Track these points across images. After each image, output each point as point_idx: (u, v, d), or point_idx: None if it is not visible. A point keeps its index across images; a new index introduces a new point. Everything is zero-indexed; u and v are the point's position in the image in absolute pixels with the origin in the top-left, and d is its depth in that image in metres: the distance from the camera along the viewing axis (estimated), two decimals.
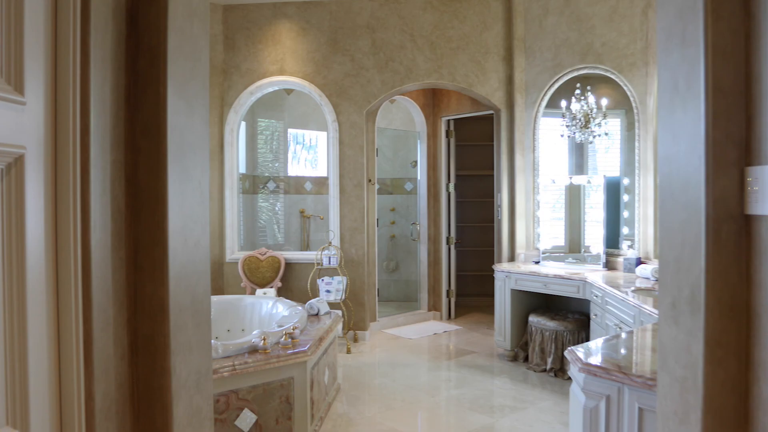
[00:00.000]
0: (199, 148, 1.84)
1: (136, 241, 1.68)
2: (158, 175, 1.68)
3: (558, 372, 4.79)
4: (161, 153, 1.68)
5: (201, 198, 1.85)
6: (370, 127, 6.39)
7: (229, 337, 4.79)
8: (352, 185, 6.15)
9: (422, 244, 7.19)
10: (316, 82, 6.11)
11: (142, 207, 1.69)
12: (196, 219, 1.82)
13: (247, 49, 6.20)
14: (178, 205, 1.72)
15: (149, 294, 1.69)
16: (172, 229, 1.69)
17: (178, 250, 1.72)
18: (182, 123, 1.74)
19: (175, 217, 1.71)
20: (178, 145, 1.72)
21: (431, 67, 5.97)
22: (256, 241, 7.39)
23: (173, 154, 1.70)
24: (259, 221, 7.59)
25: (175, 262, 1.70)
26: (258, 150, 7.52)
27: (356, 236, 6.15)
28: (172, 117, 1.70)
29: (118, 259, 1.61)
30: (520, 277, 5.11)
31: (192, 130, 1.79)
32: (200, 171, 1.85)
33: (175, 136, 1.71)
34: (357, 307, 6.11)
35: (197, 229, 1.82)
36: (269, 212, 7.70)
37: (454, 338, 6.29)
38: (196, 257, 1.83)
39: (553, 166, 5.88)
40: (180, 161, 1.73)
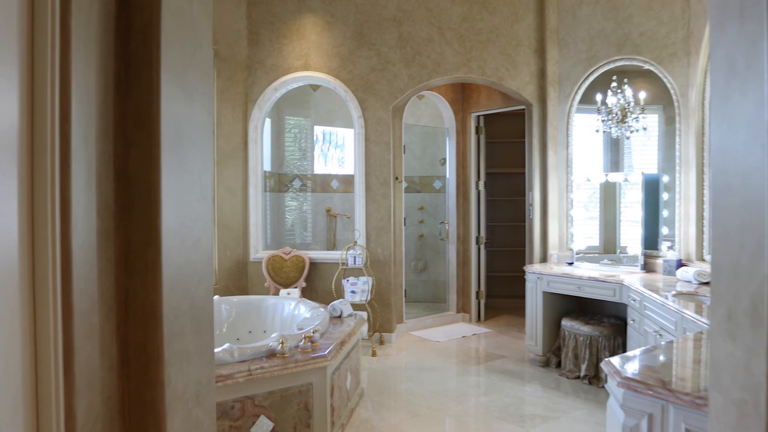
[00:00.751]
0: (199, 141, 1.70)
1: (127, 241, 1.54)
2: (150, 168, 1.54)
3: (592, 379, 4.55)
4: (154, 144, 1.54)
5: (202, 194, 1.71)
6: (397, 124, 6.22)
7: (250, 339, 4.68)
8: (379, 183, 5.99)
9: (451, 243, 6.99)
10: (341, 78, 5.97)
11: (134, 203, 1.55)
12: (196, 216, 1.68)
13: (272, 44, 6.09)
14: (174, 201, 1.58)
15: (141, 299, 1.54)
16: (166, 227, 1.55)
17: (173, 250, 1.58)
18: (179, 112, 1.60)
19: (171, 214, 1.57)
20: (174, 136, 1.58)
21: (460, 61, 5.77)
22: (283, 241, 7.29)
23: (168, 146, 1.56)
24: (285, 220, 7.49)
25: (170, 264, 1.56)
26: (284, 148, 7.42)
27: (382, 236, 5.99)
28: (167, 105, 1.56)
29: (106, 260, 1.47)
30: (553, 279, 4.88)
31: (191, 121, 1.65)
32: (201, 165, 1.71)
33: (171, 126, 1.57)
34: (383, 309, 5.95)
35: (197, 228, 1.68)
36: (295, 211, 7.59)
37: (483, 341, 6.08)
38: (196, 258, 1.68)
39: (587, 163, 5.63)
40: (176, 154, 1.59)
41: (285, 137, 7.42)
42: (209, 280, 1.79)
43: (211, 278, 1.80)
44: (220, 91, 5.96)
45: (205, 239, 1.77)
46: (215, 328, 4.67)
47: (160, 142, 1.54)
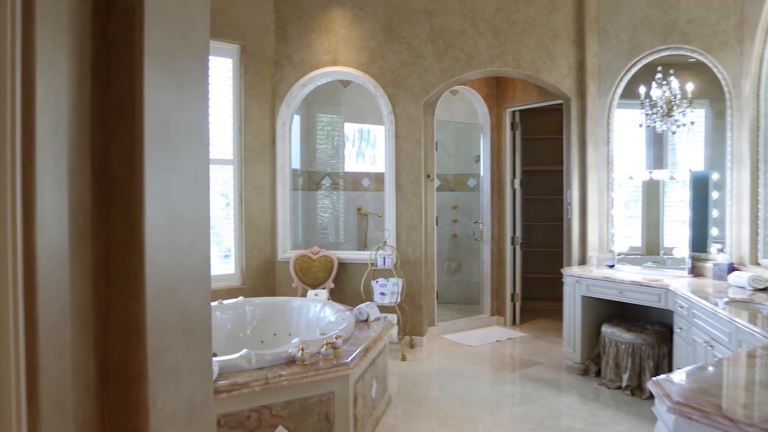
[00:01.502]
0: (193, 134, 1.53)
1: (108, 246, 1.38)
2: (132, 163, 1.37)
3: (635, 390, 4.26)
4: (136, 137, 1.37)
5: (197, 193, 1.54)
6: (428, 120, 6.01)
7: (275, 342, 4.54)
8: (409, 181, 5.78)
9: (485, 244, 6.74)
10: (370, 72, 5.78)
11: (114, 204, 1.38)
12: (190, 218, 1.51)
13: (300, 39, 5.94)
14: (162, 200, 1.42)
15: (122, 310, 1.38)
16: (150, 229, 1.38)
17: (160, 255, 1.41)
18: (168, 102, 1.43)
19: (157, 215, 1.40)
20: (161, 128, 1.41)
21: (494, 54, 5.52)
22: (314, 240, 7.15)
23: (154, 139, 1.40)
24: (317, 219, 7.36)
25: (156, 270, 1.39)
26: (314, 145, 7.28)
27: (413, 235, 5.79)
28: (151, 94, 1.39)
29: (81, 267, 1.30)
30: (592, 283, 4.60)
31: (183, 112, 1.48)
32: (196, 160, 1.54)
33: (157, 117, 1.40)
34: (414, 311, 5.75)
35: (190, 230, 1.51)
36: (326, 210, 7.45)
37: (518, 346, 5.82)
38: (189, 263, 1.51)
39: (629, 160, 5.32)
40: (164, 147, 1.42)
41: (315, 135, 7.28)
42: (205, 288, 1.62)
43: (207, 286, 1.63)
44: (248, 87, 5.84)
45: (201, 243, 1.60)
46: (239, 330, 4.55)
47: (143, 134, 1.37)
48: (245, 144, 5.86)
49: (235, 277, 5.89)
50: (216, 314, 4.42)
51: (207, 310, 1.65)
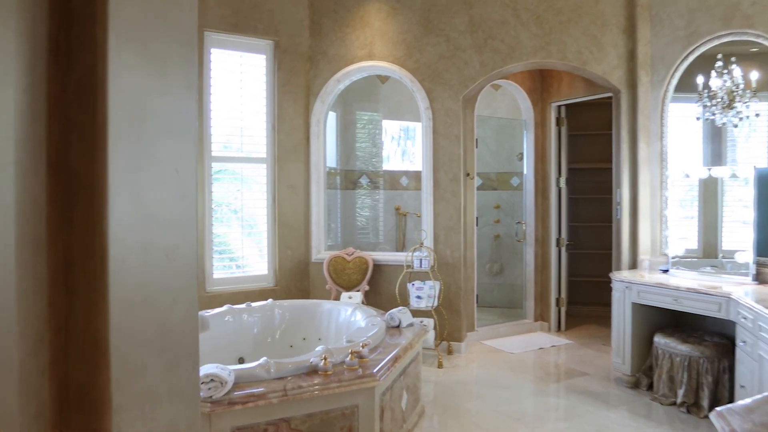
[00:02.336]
0: (176, 125, 1.34)
1: (68, 252, 1.20)
2: (94, 157, 1.19)
3: (691, 407, 3.90)
4: (98, 125, 1.19)
5: (180, 191, 1.35)
6: (468, 115, 5.74)
7: (304, 347, 4.37)
8: (448, 179, 5.53)
9: (528, 245, 6.43)
10: (407, 66, 5.56)
11: (77, 204, 1.20)
12: (171, 219, 1.33)
13: (334, 33, 5.76)
14: (133, 199, 1.23)
15: (83, 326, 1.20)
16: (117, 232, 1.20)
17: (130, 261, 1.23)
18: (142, 88, 1.25)
19: (126, 217, 1.22)
20: (132, 116, 1.23)
21: (537, 45, 5.21)
22: (353, 240, 6.97)
23: (122, 129, 1.21)
24: (354, 219, 7.18)
25: (124, 279, 1.21)
26: (351, 143, 7.10)
27: (452, 236, 5.53)
28: (120, 77, 1.21)
29: (33, 277, 1.12)
30: (644, 289, 4.26)
31: (162, 100, 1.29)
32: (178, 154, 1.35)
33: (127, 103, 1.22)
34: (452, 316, 5.49)
35: (172, 233, 1.32)
36: (365, 209, 7.26)
37: (563, 355, 5.50)
38: (170, 271, 1.33)
39: (684, 156, 4.93)
40: (136, 139, 1.23)
41: (352, 132, 7.10)
42: (191, 298, 1.43)
43: (193, 295, 1.44)
44: (281, 84, 5.70)
45: (186, 247, 1.40)
46: (267, 334, 4.40)
47: (106, 123, 1.18)
48: (279, 142, 5.73)
49: (268, 278, 5.76)
50: (243, 317, 4.28)
51: (193, 322, 1.45)
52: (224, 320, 4.18)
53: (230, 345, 4.13)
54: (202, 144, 5.31)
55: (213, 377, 2.56)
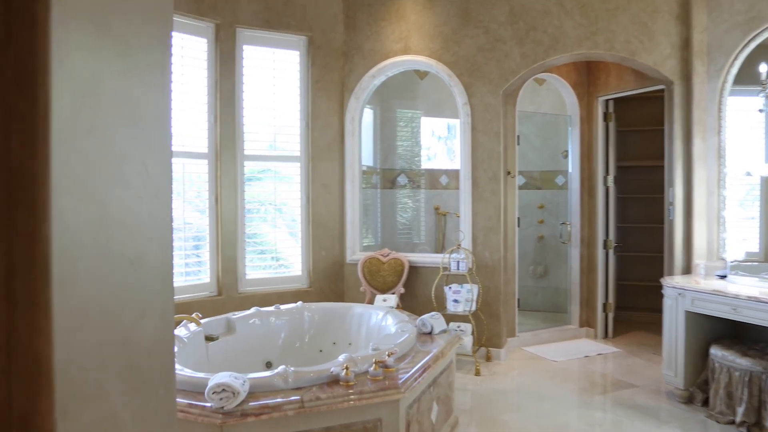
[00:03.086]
0: (143, 113, 1.18)
1: (10, 260, 1.05)
2: (33, 148, 1.03)
3: (752, 427, 3.55)
4: (38, 112, 1.03)
5: (149, 190, 1.18)
6: (509, 111, 5.48)
7: (334, 351, 4.20)
8: (487, 178, 5.29)
9: (573, 247, 6.11)
10: (444, 60, 5.33)
11: (18, 205, 1.05)
12: (137, 221, 1.16)
13: (369, 27, 5.59)
14: (85, 199, 1.07)
15: (25, 345, 1.04)
16: (64, 237, 1.04)
17: (83, 270, 1.06)
18: (97, 69, 1.08)
19: (76, 219, 1.05)
20: (84, 102, 1.06)
21: (582, 35, 4.91)
22: (393, 241, 6.79)
23: (71, 117, 1.05)
24: (393, 219, 6.99)
25: (75, 292, 1.05)
26: (389, 141, 6.91)
27: (491, 237, 5.28)
28: (66, 56, 1.05)
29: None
30: (699, 297, 3.92)
31: (124, 84, 1.13)
32: (146, 148, 1.18)
33: (77, 87, 1.05)
34: (491, 320, 5.24)
35: (139, 237, 1.16)
36: (403, 209, 7.06)
37: (610, 364, 5.18)
38: (135, 281, 1.16)
39: (744, 152, 4.55)
40: (89, 129, 1.07)
41: (390, 130, 6.91)
42: (164, 310, 1.26)
43: (168, 306, 1.27)
44: (315, 81, 5.56)
45: (157, 253, 1.23)
46: (295, 338, 4.26)
47: (49, 111, 1.02)
48: (312, 140, 5.59)
49: (302, 279, 5.63)
50: (271, 320, 4.15)
51: (167, 337, 1.28)
52: (252, 323, 4.05)
53: (257, 349, 4.00)
54: (235, 142, 5.22)
55: (225, 387, 2.42)
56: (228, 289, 5.21)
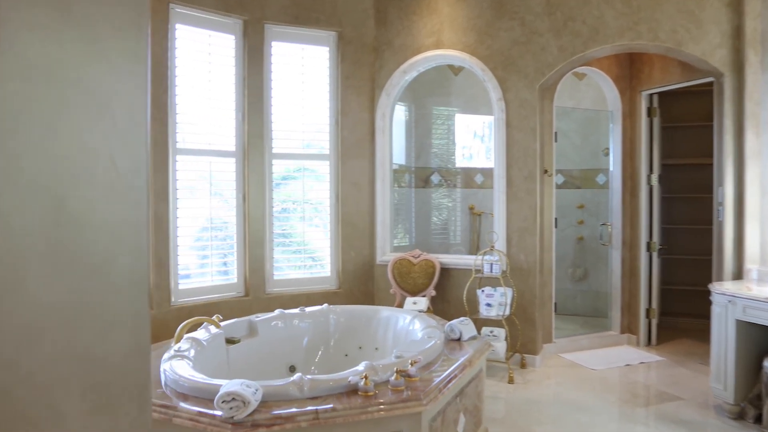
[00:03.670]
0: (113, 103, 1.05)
1: None
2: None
3: None
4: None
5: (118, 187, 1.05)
6: (546, 106, 5.24)
7: (360, 356, 4.05)
8: (522, 177, 5.06)
9: (615, 249, 5.83)
10: (477, 54, 5.13)
11: None
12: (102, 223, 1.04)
13: (400, 22, 5.42)
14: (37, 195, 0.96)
15: None
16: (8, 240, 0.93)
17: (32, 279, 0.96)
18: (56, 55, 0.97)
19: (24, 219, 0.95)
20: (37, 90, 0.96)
21: (624, 24, 4.64)
22: (426, 241, 6.62)
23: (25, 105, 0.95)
24: (428, 219, 6.82)
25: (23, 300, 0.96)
26: (422, 139, 6.73)
27: (526, 239, 5.06)
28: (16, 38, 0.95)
29: None
30: (751, 305, 3.63)
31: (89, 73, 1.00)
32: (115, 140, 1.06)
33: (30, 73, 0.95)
34: (526, 326, 5.02)
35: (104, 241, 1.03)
36: (438, 209, 6.88)
37: (653, 373, 4.89)
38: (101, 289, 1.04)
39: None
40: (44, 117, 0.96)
41: (423, 127, 6.73)
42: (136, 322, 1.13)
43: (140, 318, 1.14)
44: (345, 77, 5.43)
45: (127, 258, 1.11)
46: (320, 341, 4.12)
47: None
48: (342, 138, 5.46)
49: (331, 280, 5.51)
50: (294, 322, 4.03)
51: (142, 351, 1.16)
52: (275, 326, 3.94)
53: (280, 352, 3.89)
54: (263, 140, 5.12)
55: (235, 396, 2.29)
56: (255, 289, 5.12)
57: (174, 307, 4.65)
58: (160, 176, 4.52)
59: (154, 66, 4.43)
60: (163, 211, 4.55)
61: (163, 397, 2.57)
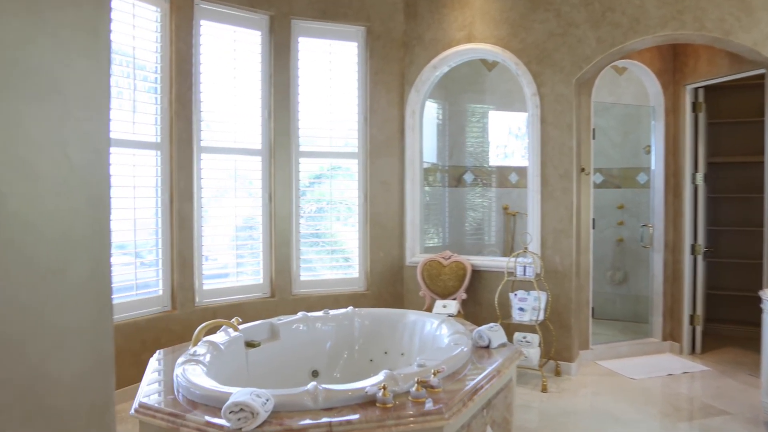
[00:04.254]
0: (63, 89, 0.92)
1: None
2: None
3: None
4: None
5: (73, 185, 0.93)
6: (583, 102, 5.00)
7: (385, 362, 3.91)
8: (558, 175, 4.84)
9: (656, 251, 5.53)
10: (511, 48, 4.92)
11: None
12: (53, 225, 0.91)
13: (431, 15, 5.25)
14: None
15: None
16: None
17: None
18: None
19: None
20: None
21: (667, 13, 4.37)
22: (460, 242, 6.43)
23: None
24: (460, 219, 6.63)
25: None
26: (455, 137, 6.54)
27: (562, 240, 4.83)
28: None
29: None
30: None
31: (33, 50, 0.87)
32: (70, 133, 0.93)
33: None
34: (561, 331, 4.79)
35: (54, 245, 0.90)
36: (471, 208, 6.68)
37: (698, 385, 4.61)
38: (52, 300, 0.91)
39: None
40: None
41: (456, 124, 6.54)
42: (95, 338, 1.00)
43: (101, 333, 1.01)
44: (374, 73, 5.29)
45: (85, 264, 0.98)
46: (344, 346, 3.99)
47: None
48: (371, 135, 5.32)
49: (359, 282, 5.38)
50: (317, 325, 3.91)
51: (103, 370, 1.03)
52: (297, 329, 3.82)
53: (303, 357, 3.77)
54: (290, 138, 5.02)
55: (243, 406, 2.17)
56: (281, 290, 5.02)
57: (198, 307, 4.58)
58: (185, 174, 4.46)
59: (178, 63, 4.37)
60: (188, 210, 4.49)
61: (173, 404, 2.47)
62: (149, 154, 4.30)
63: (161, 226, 4.36)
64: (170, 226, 4.41)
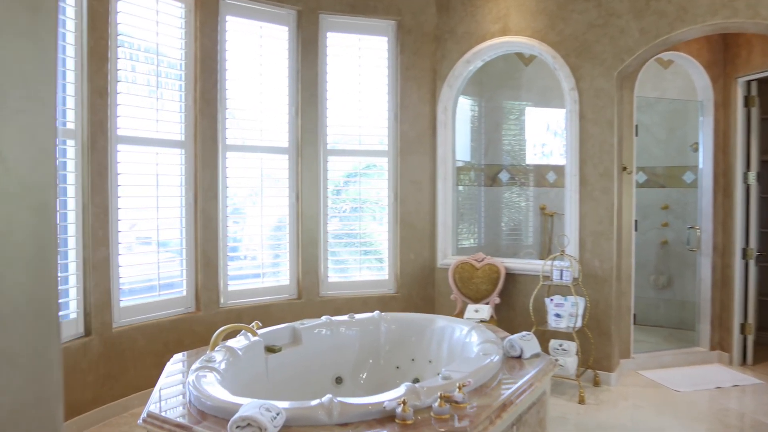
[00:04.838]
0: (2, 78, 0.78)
1: None
2: None
3: None
4: None
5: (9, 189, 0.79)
6: (625, 96, 4.73)
7: (412, 369, 3.75)
8: (597, 174, 4.58)
9: (704, 255, 5.22)
10: (548, 40, 4.68)
11: None
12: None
13: (464, 8, 5.05)
14: None
15: None
16: None
17: None
18: None
19: None
20: None
21: (717, 1, 4.07)
22: (496, 243, 6.22)
23: None
24: (496, 219, 6.41)
25: None
26: (490, 134, 6.32)
27: (601, 243, 4.58)
28: None
29: None
30: None
31: None
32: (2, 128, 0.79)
33: None
34: (600, 339, 4.54)
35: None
36: (508, 209, 6.45)
37: (749, 399, 4.30)
38: None
39: None
40: None
41: (491, 121, 6.32)
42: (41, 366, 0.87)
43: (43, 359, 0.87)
44: (404, 68, 5.12)
45: (24, 283, 0.85)
46: (370, 352, 3.83)
47: None
48: (401, 133, 5.15)
49: (389, 284, 5.22)
50: (341, 330, 3.76)
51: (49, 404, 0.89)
52: (320, 334, 3.68)
53: (326, 363, 3.62)
54: (317, 136, 4.90)
55: (250, 421, 2.03)
56: (308, 292, 4.90)
57: (223, 309, 4.50)
58: (209, 173, 4.37)
59: (203, 59, 4.28)
60: (212, 209, 4.40)
61: (183, 414, 2.35)
62: (173, 153, 4.23)
63: (185, 225, 4.29)
64: (194, 225, 4.33)
